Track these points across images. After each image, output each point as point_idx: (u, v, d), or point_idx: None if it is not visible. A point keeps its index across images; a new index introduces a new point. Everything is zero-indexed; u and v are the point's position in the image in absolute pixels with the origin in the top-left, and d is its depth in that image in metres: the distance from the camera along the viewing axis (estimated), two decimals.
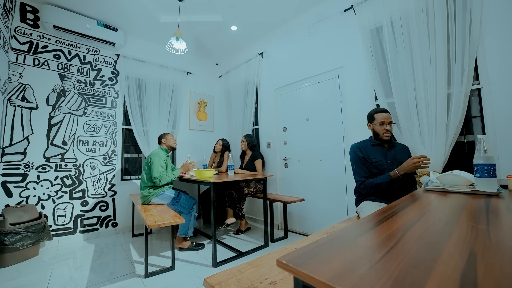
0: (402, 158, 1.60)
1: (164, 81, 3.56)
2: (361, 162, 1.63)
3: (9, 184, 2.43)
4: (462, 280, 0.31)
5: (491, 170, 0.95)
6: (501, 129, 1.57)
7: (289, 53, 3.07)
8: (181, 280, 1.83)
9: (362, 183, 1.61)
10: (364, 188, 1.59)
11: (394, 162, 1.61)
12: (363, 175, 1.61)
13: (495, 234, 0.49)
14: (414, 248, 0.43)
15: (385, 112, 1.65)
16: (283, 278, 0.86)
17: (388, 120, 1.63)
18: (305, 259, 0.39)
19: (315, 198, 2.72)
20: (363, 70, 2.30)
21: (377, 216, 0.67)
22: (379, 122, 1.64)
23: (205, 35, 3.43)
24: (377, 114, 1.66)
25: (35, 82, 2.62)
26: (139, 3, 2.68)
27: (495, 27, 1.60)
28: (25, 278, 1.89)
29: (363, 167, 1.63)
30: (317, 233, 1.43)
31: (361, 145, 1.70)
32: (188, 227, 2.43)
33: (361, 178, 1.62)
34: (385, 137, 1.63)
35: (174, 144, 2.75)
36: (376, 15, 2.16)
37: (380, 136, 1.64)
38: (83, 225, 2.85)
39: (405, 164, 1.45)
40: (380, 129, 1.63)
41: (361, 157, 1.64)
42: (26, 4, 2.62)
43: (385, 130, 1.62)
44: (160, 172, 2.42)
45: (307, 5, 2.74)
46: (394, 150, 1.67)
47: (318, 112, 2.72)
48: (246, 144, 3.15)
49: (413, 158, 1.43)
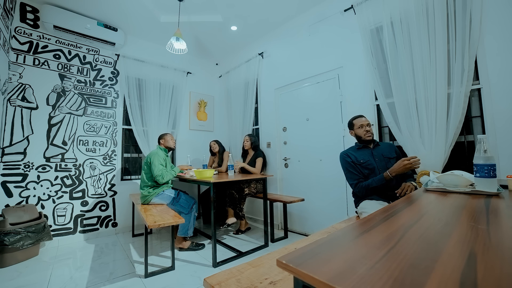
0: (389, 154, 1.69)
1: (164, 81, 3.56)
2: (351, 166, 1.72)
3: (9, 184, 2.43)
4: (462, 280, 0.31)
5: (491, 170, 0.95)
6: (501, 129, 1.57)
7: (289, 53, 3.07)
8: (181, 280, 1.83)
9: (356, 186, 1.67)
10: (359, 190, 1.65)
11: (382, 158, 1.69)
12: (355, 178, 1.69)
13: (495, 234, 0.49)
14: (414, 248, 0.43)
15: (362, 117, 1.80)
16: (283, 278, 0.86)
17: (366, 123, 1.76)
18: (305, 259, 0.39)
19: (315, 198, 2.72)
20: (363, 70, 2.30)
21: (377, 216, 0.67)
22: (358, 126, 1.78)
23: (205, 35, 3.43)
24: (355, 120, 1.81)
25: (35, 82, 2.62)
26: (139, 3, 2.68)
27: (495, 27, 1.60)
28: (25, 278, 1.89)
29: (353, 171, 1.71)
30: (317, 233, 1.44)
31: (348, 151, 1.81)
32: (188, 227, 2.43)
33: (354, 181, 1.69)
34: (367, 137, 1.74)
35: (173, 145, 2.74)
36: (376, 15, 2.16)
37: (363, 138, 1.75)
38: (83, 225, 2.85)
39: (395, 166, 1.50)
40: (361, 132, 1.76)
41: (350, 161, 1.73)
42: (26, 4, 2.62)
43: (365, 131, 1.74)
44: (161, 169, 2.42)
45: (307, 5, 2.74)
46: (379, 149, 1.76)
47: (318, 112, 2.72)
48: (250, 143, 3.14)
49: (403, 160, 1.47)
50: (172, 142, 2.73)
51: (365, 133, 1.74)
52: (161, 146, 2.67)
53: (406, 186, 1.48)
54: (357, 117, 1.82)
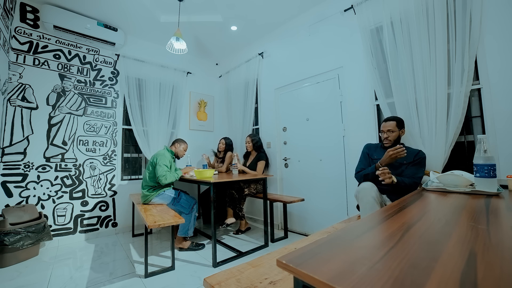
0: (401, 160, 1.66)
1: (164, 81, 3.55)
2: (364, 156, 1.88)
3: (9, 184, 2.43)
4: (462, 280, 0.31)
5: (491, 170, 0.95)
6: (501, 129, 1.57)
7: (289, 53, 3.07)
8: (181, 280, 1.83)
9: (357, 173, 1.84)
10: (357, 176, 1.83)
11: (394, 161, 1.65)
12: (360, 167, 1.85)
13: (495, 234, 0.49)
14: (414, 248, 0.43)
15: (386, 121, 1.81)
16: (282, 278, 0.86)
17: (386, 129, 1.78)
18: (305, 259, 0.39)
19: (315, 198, 2.72)
20: (363, 70, 2.30)
21: (377, 216, 0.67)
22: (380, 130, 1.85)
23: (205, 35, 3.43)
24: (382, 123, 1.84)
25: (35, 82, 2.62)
26: (139, 3, 2.68)
27: (495, 27, 1.60)
28: (25, 278, 1.89)
29: (363, 161, 1.86)
30: (317, 233, 1.44)
31: (371, 144, 1.94)
32: (188, 227, 2.43)
33: (357, 169, 1.86)
34: (385, 144, 1.79)
35: (182, 155, 2.78)
36: (376, 15, 2.16)
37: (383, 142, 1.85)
38: (83, 225, 2.85)
39: (384, 157, 1.60)
40: (382, 136, 1.83)
41: (365, 152, 1.89)
42: (26, 4, 2.61)
43: (383, 138, 1.80)
44: (165, 170, 2.42)
45: (307, 5, 2.74)
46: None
47: (318, 112, 2.72)
48: (252, 145, 3.12)
49: (389, 151, 1.56)
50: (183, 152, 2.77)
51: (384, 139, 1.79)
52: (170, 148, 2.67)
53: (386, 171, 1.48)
54: (384, 120, 1.83)
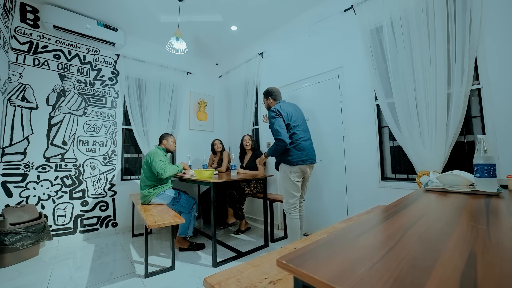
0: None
1: (164, 81, 3.55)
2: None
3: (9, 184, 2.43)
4: (462, 280, 0.31)
5: (491, 170, 0.95)
6: (501, 129, 1.57)
7: (289, 53, 3.07)
8: (181, 280, 1.83)
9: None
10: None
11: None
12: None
13: (495, 234, 0.49)
14: (414, 248, 0.43)
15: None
16: (282, 278, 0.86)
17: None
18: (305, 259, 0.39)
19: (315, 198, 2.72)
20: (363, 70, 2.30)
21: (377, 216, 0.67)
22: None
23: (205, 35, 3.43)
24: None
25: (35, 82, 2.62)
26: (139, 3, 2.68)
27: (495, 27, 1.60)
28: (25, 278, 1.89)
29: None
30: (317, 233, 1.43)
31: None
32: (188, 227, 2.43)
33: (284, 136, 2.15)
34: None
35: (173, 148, 2.70)
36: (376, 15, 2.16)
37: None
38: (83, 225, 2.85)
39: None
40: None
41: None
42: (26, 4, 2.61)
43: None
44: (163, 163, 2.38)
45: (307, 5, 2.74)
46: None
47: (318, 112, 2.72)
48: (251, 144, 3.14)
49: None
50: (173, 145, 2.69)
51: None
52: (160, 146, 2.65)
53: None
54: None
